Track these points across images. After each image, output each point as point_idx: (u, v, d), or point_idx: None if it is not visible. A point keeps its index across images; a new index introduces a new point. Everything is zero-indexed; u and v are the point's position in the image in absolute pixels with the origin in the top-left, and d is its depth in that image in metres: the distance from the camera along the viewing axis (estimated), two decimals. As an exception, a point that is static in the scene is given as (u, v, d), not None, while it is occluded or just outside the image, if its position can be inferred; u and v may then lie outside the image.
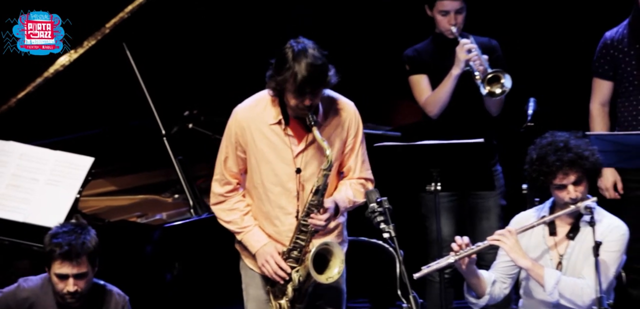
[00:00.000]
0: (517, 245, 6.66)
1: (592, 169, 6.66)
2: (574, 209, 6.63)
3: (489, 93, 7.76)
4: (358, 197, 6.64)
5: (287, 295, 6.66)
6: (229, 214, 6.72)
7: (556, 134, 6.72)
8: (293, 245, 6.64)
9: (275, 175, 6.62)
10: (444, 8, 7.93)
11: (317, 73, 6.46)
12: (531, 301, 6.77)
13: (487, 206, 8.03)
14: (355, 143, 6.68)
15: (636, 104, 8.06)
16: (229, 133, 6.67)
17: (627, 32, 8.02)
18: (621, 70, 8.03)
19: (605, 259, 6.55)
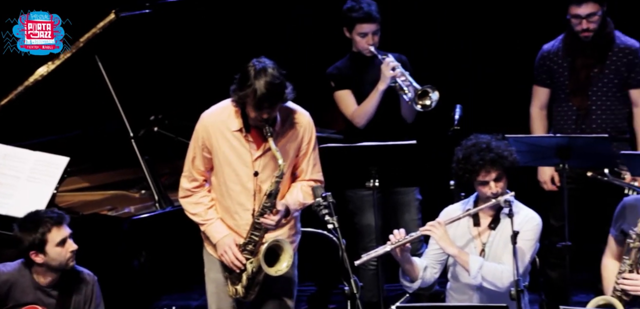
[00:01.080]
0: (446, 235, 6.84)
1: (511, 167, 6.81)
2: (495, 203, 6.79)
3: (422, 107, 7.93)
4: (307, 199, 6.80)
5: (242, 282, 6.80)
6: (195, 207, 6.84)
7: (479, 137, 6.89)
8: (248, 239, 6.76)
9: (236, 175, 6.75)
10: (363, 30, 8.09)
11: (275, 91, 6.60)
12: (458, 284, 6.92)
13: (407, 200, 8.17)
14: (308, 149, 6.81)
15: (566, 110, 8.18)
16: (196, 136, 6.79)
17: (562, 46, 8.16)
18: (556, 79, 8.17)
19: (521, 246, 6.70)
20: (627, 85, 8.10)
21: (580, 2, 7.94)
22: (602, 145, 7.63)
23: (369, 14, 8.06)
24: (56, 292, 6.66)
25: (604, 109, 8.14)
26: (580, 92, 8.09)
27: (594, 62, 8.08)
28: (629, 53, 8.09)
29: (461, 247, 6.89)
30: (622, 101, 8.13)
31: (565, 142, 7.62)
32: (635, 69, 8.09)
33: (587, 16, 7.96)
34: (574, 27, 8.02)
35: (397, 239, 6.79)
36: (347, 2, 8.17)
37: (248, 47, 8.94)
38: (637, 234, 6.67)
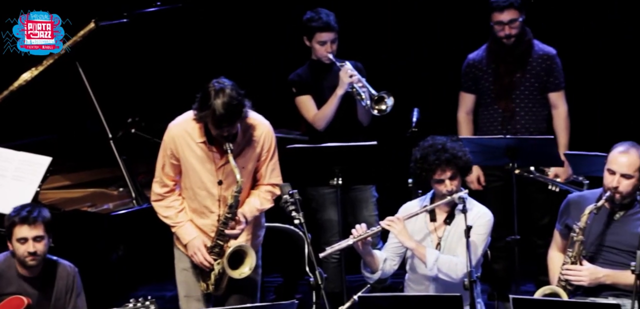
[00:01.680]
0: (405, 229, 6.93)
1: (465, 167, 6.95)
2: (450, 200, 6.90)
3: (378, 111, 8.02)
4: (265, 204, 6.95)
5: (211, 280, 6.95)
6: (166, 211, 6.96)
7: (436, 138, 6.98)
8: (214, 243, 6.90)
9: (201, 182, 6.88)
10: (322, 39, 8.15)
11: (233, 110, 6.66)
12: (415, 275, 7.02)
13: (365, 197, 8.27)
14: (267, 156, 6.92)
15: (492, 113, 8.31)
16: (164, 145, 6.89)
17: (486, 54, 8.29)
18: (481, 85, 8.29)
19: (474, 240, 6.81)
20: (546, 89, 8.25)
21: (503, 9, 8.07)
22: (548, 146, 7.78)
23: (328, 23, 8.14)
24: (38, 283, 6.75)
25: (526, 110, 8.26)
26: (505, 96, 8.21)
27: (516, 68, 8.21)
28: (547, 59, 8.24)
29: (419, 241, 6.98)
30: (542, 104, 8.25)
31: (515, 143, 7.76)
32: (554, 73, 8.24)
33: (509, 22, 8.10)
34: (497, 33, 8.15)
35: (359, 234, 6.87)
36: (306, 13, 8.22)
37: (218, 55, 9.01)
38: (580, 228, 6.79)
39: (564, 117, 8.26)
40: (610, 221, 6.89)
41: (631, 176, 6.80)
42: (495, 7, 8.12)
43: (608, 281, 6.80)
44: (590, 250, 6.89)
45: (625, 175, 6.80)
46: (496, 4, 8.12)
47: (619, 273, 6.78)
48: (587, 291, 6.85)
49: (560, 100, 8.28)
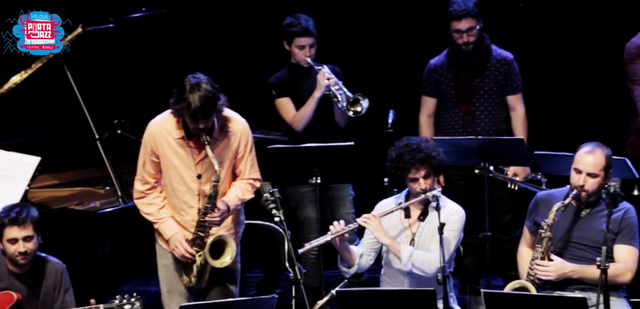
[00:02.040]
0: (380, 226, 7.00)
1: (438, 166, 7.01)
2: (424, 198, 6.97)
3: (354, 113, 8.07)
4: (245, 195, 7.01)
5: (193, 273, 7.01)
6: (148, 207, 7.03)
7: (410, 138, 7.07)
8: (196, 235, 6.97)
9: (180, 177, 6.95)
10: (301, 43, 8.18)
11: (208, 103, 6.74)
12: (390, 270, 7.09)
13: (342, 195, 8.33)
14: (245, 152, 6.98)
15: (453, 116, 8.36)
16: (144, 144, 6.97)
17: (446, 60, 8.33)
18: (442, 89, 8.34)
19: (447, 236, 6.88)
20: (505, 92, 8.31)
21: (460, 17, 8.13)
22: (517, 146, 7.88)
23: (307, 28, 8.18)
24: (27, 279, 6.78)
25: (486, 113, 8.32)
26: (465, 100, 8.27)
27: (475, 73, 8.26)
28: (505, 64, 8.30)
29: (394, 237, 7.05)
30: (501, 106, 8.31)
31: (486, 143, 7.84)
32: (511, 77, 8.30)
33: (467, 30, 8.16)
34: (456, 40, 8.21)
35: (336, 230, 6.94)
36: (286, 18, 8.26)
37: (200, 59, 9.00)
38: (548, 225, 6.88)
39: (521, 118, 8.33)
40: (576, 218, 6.99)
41: (597, 175, 6.89)
42: (454, 16, 8.18)
43: (574, 275, 6.89)
44: (558, 246, 6.98)
45: (591, 174, 6.88)
46: (454, 13, 8.18)
47: (585, 268, 6.87)
48: (554, 285, 6.93)
49: (518, 102, 8.34)
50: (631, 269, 6.90)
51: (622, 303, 6.91)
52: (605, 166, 6.91)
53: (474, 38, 8.20)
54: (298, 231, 8.23)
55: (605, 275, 6.51)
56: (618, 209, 6.92)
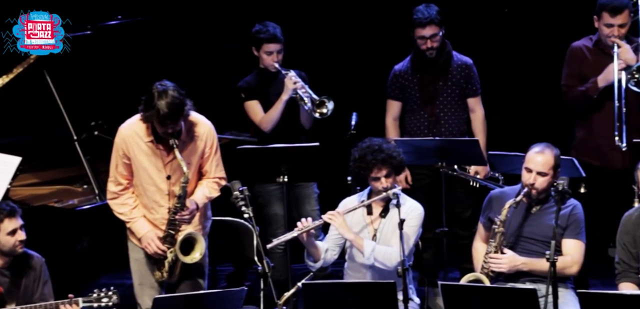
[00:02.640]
0: (344, 223, 7.05)
1: (399, 166, 7.08)
2: (385, 195, 7.02)
3: (320, 115, 8.11)
4: (212, 193, 7.08)
5: (165, 268, 7.08)
6: (121, 208, 7.09)
7: (372, 140, 7.12)
8: (166, 233, 7.04)
9: (150, 178, 7.02)
10: (269, 49, 8.22)
11: (176, 109, 6.78)
12: (353, 264, 7.17)
13: (308, 193, 8.39)
14: (210, 153, 7.05)
15: (418, 118, 8.40)
16: (116, 147, 7.02)
17: (410, 65, 8.38)
18: (407, 93, 8.38)
19: (407, 232, 6.94)
20: (465, 95, 8.38)
21: (424, 24, 8.18)
22: (473, 147, 7.95)
23: (275, 35, 8.21)
24: (9, 272, 6.82)
25: (450, 115, 8.38)
26: (430, 103, 8.31)
27: (438, 77, 8.33)
28: (465, 68, 8.35)
29: (357, 233, 7.10)
30: (462, 108, 8.37)
31: (444, 144, 7.90)
32: (471, 81, 8.37)
33: (431, 37, 8.20)
34: (420, 46, 8.25)
35: (303, 226, 6.99)
36: (255, 26, 8.28)
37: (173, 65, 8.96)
38: (501, 221, 6.97)
39: (481, 120, 8.40)
40: (527, 214, 7.07)
41: (546, 174, 6.97)
42: (418, 23, 8.22)
43: (525, 268, 6.98)
44: (510, 240, 7.06)
45: (541, 173, 6.96)
46: (418, 20, 8.21)
47: (535, 261, 6.96)
48: (507, 277, 7.02)
49: (477, 105, 8.41)
50: (578, 262, 7.00)
51: (569, 294, 7.00)
52: (554, 165, 7.00)
53: (437, 44, 8.26)
54: (266, 227, 8.26)
55: (554, 268, 6.57)
56: (566, 206, 7.01)
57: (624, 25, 7.99)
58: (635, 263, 6.76)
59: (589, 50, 8.15)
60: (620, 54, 7.94)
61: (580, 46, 8.18)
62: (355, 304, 6.56)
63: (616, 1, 7.99)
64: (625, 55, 7.94)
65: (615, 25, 7.97)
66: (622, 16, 7.98)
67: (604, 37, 8.04)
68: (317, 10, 9.75)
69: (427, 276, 8.22)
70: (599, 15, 8.04)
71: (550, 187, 7.03)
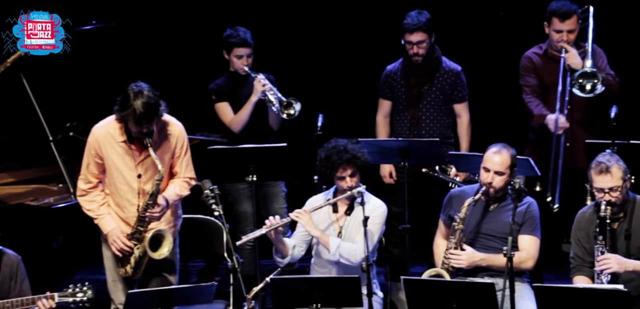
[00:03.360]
0: (311, 220, 7.10)
1: (363, 165, 7.11)
2: (350, 194, 7.07)
3: (287, 115, 8.10)
4: (182, 192, 7.09)
5: (130, 264, 7.06)
6: (89, 204, 7.08)
7: (338, 140, 7.18)
8: (135, 229, 7.02)
9: (122, 177, 7.03)
10: (239, 53, 8.23)
11: (151, 109, 6.81)
12: (320, 260, 7.21)
13: (276, 192, 8.39)
14: (181, 153, 7.06)
15: (402, 118, 8.43)
16: (89, 146, 7.02)
17: (401, 68, 8.41)
18: (395, 94, 8.42)
19: (371, 229, 7.00)
20: (451, 100, 8.40)
21: (412, 31, 8.21)
22: (434, 147, 7.99)
23: (245, 40, 8.23)
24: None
25: (431, 118, 8.39)
26: (413, 105, 8.34)
27: (424, 80, 8.34)
28: (452, 75, 8.37)
29: (323, 230, 7.15)
30: (447, 113, 8.40)
31: (405, 145, 7.91)
32: (458, 87, 8.38)
33: (417, 43, 8.23)
34: (407, 51, 8.29)
35: (271, 224, 7.01)
36: (226, 30, 8.28)
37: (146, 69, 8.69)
38: (461, 218, 7.01)
39: (466, 125, 8.41)
40: (485, 211, 7.12)
41: (503, 173, 7.01)
42: (406, 29, 8.24)
43: (484, 263, 7.03)
44: (469, 237, 7.11)
45: (498, 172, 7.01)
46: (407, 26, 8.23)
47: (493, 256, 7.01)
48: (466, 272, 7.07)
49: (463, 110, 8.42)
50: (534, 257, 7.05)
51: (525, 288, 7.04)
52: (510, 164, 7.04)
53: (423, 51, 8.26)
54: (235, 224, 8.25)
55: (511, 263, 6.62)
56: (522, 203, 7.06)
57: (572, 31, 8.08)
58: (589, 257, 6.83)
59: (540, 58, 8.23)
60: (567, 58, 8.03)
61: (531, 55, 8.26)
62: (321, 298, 6.57)
63: (565, 7, 8.08)
64: (572, 59, 8.02)
65: (564, 31, 8.06)
66: (570, 22, 8.07)
67: (554, 42, 8.12)
68: (284, 13, 9.74)
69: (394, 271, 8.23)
70: (549, 21, 8.12)
71: (507, 185, 7.07)
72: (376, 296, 7.11)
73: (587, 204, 7.16)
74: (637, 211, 6.82)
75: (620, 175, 6.75)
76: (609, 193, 6.74)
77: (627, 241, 6.77)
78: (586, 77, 7.93)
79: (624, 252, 6.79)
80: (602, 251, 6.72)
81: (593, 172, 6.80)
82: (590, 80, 7.93)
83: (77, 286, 6.76)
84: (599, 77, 7.91)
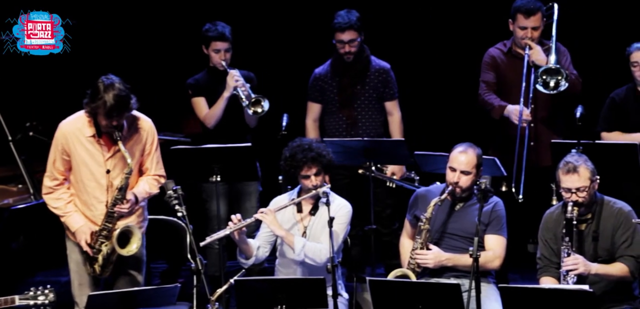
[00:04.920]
0: (275, 220, 7.08)
1: (328, 164, 7.11)
2: (315, 193, 7.07)
3: (254, 112, 8.11)
4: (152, 189, 7.05)
5: (98, 262, 6.99)
6: (56, 202, 7.00)
7: (302, 139, 7.20)
8: (103, 226, 6.96)
9: (91, 174, 6.95)
10: (217, 47, 8.23)
11: (122, 102, 6.78)
12: (284, 260, 7.19)
13: (250, 191, 8.35)
14: (151, 149, 7.03)
15: (337, 119, 8.47)
16: (56, 142, 6.94)
17: (330, 68, 8.43)
18: (327, 96, 8.44)
19: (336, 229, 6.98)
20: (383, 98, 8.45)
21: (343, 29, 8.24)
22: (399, 147, 8.02)
23: (223, 34, 8.22)
24: None
25: (367, 118, 8.44)
26: (348, 105, 8.38)
27: (356, 80, 8.38)
28: (383, 73, 8.42)
29: (288, 230, 7.12)
30: (379, 111, 8.44)
31: (370, 145, 7.95)
32: (388, 85, 8.44)
33: (349, 41, 8.26)
34: (339, 50, 8.32)
35: (235, 224, 6.99)
36: (205, 24, 8.29)
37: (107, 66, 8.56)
38: (427, 218, 7.02)
39: (398, 122, 8.47)
40: (451, 211, 7.13)
41: (469, 172, 7.04)
42: (337, 28, 8.28)
43: (450, 263, 7.04)
44: (435, 237, 7.11)
45: (464, 172, 7.03)
46: (338, 25, 8.27)
47: (459, 256, 7.02)
48: (432, 272, 7.07)
49: (394, 108, 8.48)
50: (500, 256, 7.08)
51: (491, 288, 7.08)
52: (476, 164, 7.07)
53: (355, 49, 8.31)
54: (207, 222, 8.25)
55: (477, 263, 6.65)
56: (488, 203, 7.08)
57: (537, 28, 8.12)
58: (556, 258, 6.86)
59: (503, 55, 8.26)
60: (531, 55, 8.07)
61: (495, 53, 8.29)
62: (287, 300, 6.57)
63: (530, 4, 8.11)
64: (536, 56, 8.07)
65: (528, 28, 8.10)
66: (535, 18, 8.10)
67: (518, 39, 8.16)
68: (250, 11, 9.75)
69: (354, 272, 8.26)
70: (514, 18, 8.16)
71: (473, 185, 7.11)
72: (341, 297, 7.09)
73: (554, 204, 7.17)
74: (604, 212, 6.85)
75: (587, 175, 6.77)
76: (576, 193, 6.76)
77: (594, 243, 6.81)
78: (550, 74, 7.98)
79: (592, 253, 6.83)
80: (568, 253, 6.74)
81: (561, 172, 6.81)
82: (554, 76, 7.98)
83: (38, 289, 6.71)
84: (562, 73, 7.97)
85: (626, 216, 6.81)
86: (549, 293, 6.35)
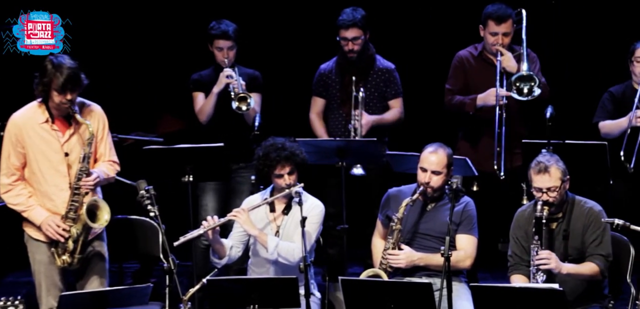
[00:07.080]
0: (249, 219, 7.06)
1: (301, 164, 7.10)
2: (288, 193, 7.05)
3: (237, 107, 8.05)
4: (110, 173, 7.03)
5: (68, 249, 6.89)
6: (16, 198, 6.91)
7: (276, 139, 7.17)
8: (69, 207, 6.87)
9: (48, 161, 6.87)
10: (219, 45, 8.21)
11: (75, 74, 6.72)
12: (258, 259, 7.17)
13: (242, 189, 8.22)
14: (104, 134, 6.98)
15: (337, 116, 8.44)
16: (8, 135, 6.87)
17: (335, 66, 8.45)
18: (330, 92, 8.45)
19: (309, 229, 6.97)
20: (386, 97, 8.42)
21: (348, 27, 8.24)
22: (372, 147, 8.01)
23: (226, 32, 8.19)
24: None
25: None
26: (348, 103, 8.34)
27: (359, 78, 8.32)
28: (386, 72, 8.39)
29: (261, 229, 7.11)
30: (381, 111, 8.39)
31: (343, 144, 7.96)
32: (391, 85, 8.41)
33: (353, 39, 8.26)
34: (343, 47, 8.32)
35: (208, 224, 6.97)
36: (211, 22, 8.28)
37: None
38: (398, 218, 7.04)
39: (398, 112, 8.40)
40: (423, 211, 7.16)
41: (440, 172, 7.06)
42: (342, 25, 8.29)
43: (422, 263, 7.06)
44: (407, 237, 7.13)
45: (435, 172, 7.05)
46: (342, 22, 8.28)
47: (431, 256, 7.04)
48: (404, 272, 7.08)
49: (397, 103, 8.41)
50: (471, 256, 7.11)
51: (462, 287, 7.09)
52: (447, 163, 7.10)
53: (358, 47, 8.32)
54: (198, 216, 8.17)
55: (449, 262, 6.65)
56: (459, 203, 7.11)
57: (507, 34, 8.16)
58: (527, 256, 6.88)
59: (474, 59, 8.29)
60: (502, 61, 8.11)
61: (465, 55, 8.32)
62: (259, 299, 6.56)
63: (501, 10, 8.16)
64: (508, 62, 8.10)
65: (499, 34, 8.14)
66: (506, 25, 8.15)
67: (489, 45, 8.20)
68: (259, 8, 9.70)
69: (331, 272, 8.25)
70: (485, 24, 8.21)
71: (444, 185, 7.13)
72: (314, 297, 7.10)
73: (524, 204, 7.20)
74: (575, 212, 6.89)
75: (558, 175, 6.80)
76: (547, 193, 6.78)
77: (565, 242, 6.84)
78: (523, 81, 8.02)
79: (562, 252, 6.85)
80: (537, 251, 6.76)
81: (532, 171, 6.84)
82: (527, 83, 8.01)
83: (8, 300, 6.53)
84: (535, 80, 8.01)
85: (596, 216, 6.84)
86: (519, 291, 6.38)
